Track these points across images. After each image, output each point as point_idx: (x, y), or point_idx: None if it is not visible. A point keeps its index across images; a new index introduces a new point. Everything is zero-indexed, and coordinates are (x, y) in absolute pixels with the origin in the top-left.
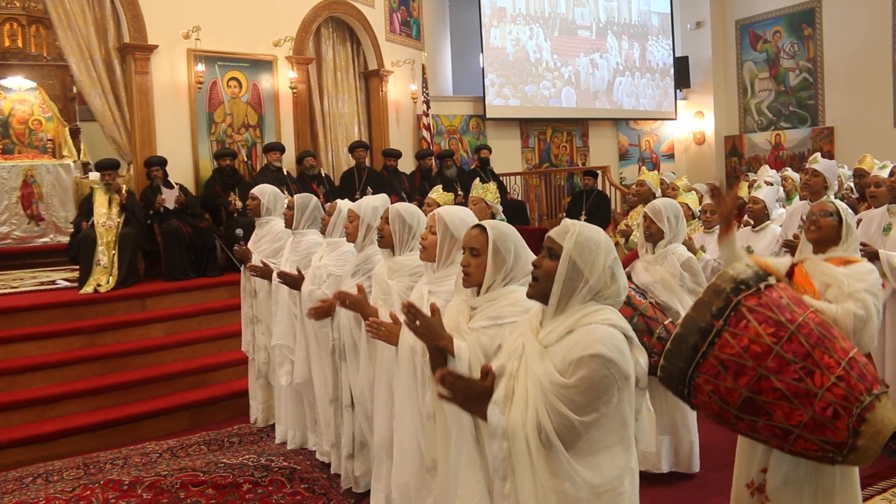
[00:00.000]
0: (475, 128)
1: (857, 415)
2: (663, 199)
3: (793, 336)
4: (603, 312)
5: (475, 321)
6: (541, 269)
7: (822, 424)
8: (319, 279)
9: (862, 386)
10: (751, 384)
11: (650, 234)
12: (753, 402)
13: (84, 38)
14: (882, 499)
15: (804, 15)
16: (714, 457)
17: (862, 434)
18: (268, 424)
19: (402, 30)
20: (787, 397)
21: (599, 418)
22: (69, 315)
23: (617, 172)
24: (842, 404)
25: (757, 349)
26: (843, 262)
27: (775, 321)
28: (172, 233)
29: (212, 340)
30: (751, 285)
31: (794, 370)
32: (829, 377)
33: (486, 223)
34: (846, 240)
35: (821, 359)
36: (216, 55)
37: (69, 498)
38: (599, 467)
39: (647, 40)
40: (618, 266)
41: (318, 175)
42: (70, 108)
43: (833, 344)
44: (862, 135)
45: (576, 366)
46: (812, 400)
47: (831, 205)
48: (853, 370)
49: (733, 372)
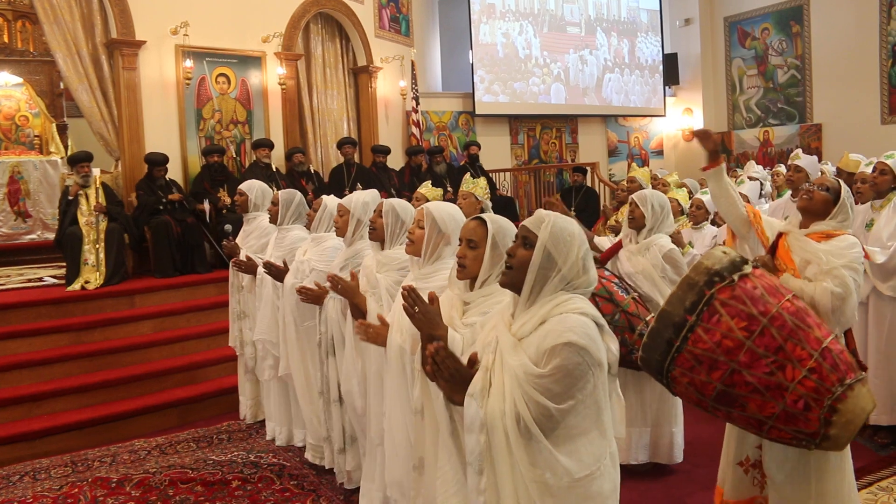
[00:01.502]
0: (464, 124)
1: (828, 406)
2: (653, 190)
3: (765, 329)
4: (573, 301)
5: (468, 316)
6: (515, 258)
7: (795, 416)
8: (303, 273)
9: (834, 377)
10: (724, 378)
11: (633, 219)
12: (728, 394)
13: (71, 34)
14: (868, 492)
15: (792, 12)
16: (701, 451)
17: (834, 424)
18: (257, 421)
19: (392, 26)
20: (760, 391)
21: (576, 405)
22: (57, 312)
23: (606, 169)
24: (813, 396)
25: (729, 344)
26: (825, 236)
27: (748, 314)
28: (161, 229)
29: (200, 337)
30: (725, 276)
31: (766, 364)
32: (801, 370)
33: (486, 216)
34: (835, 216)
35: (793, 351)
36: (205, 51)
37: (57, 496)
38: (578, 454)
39: (637, 37)
40: (589, 258)
41: (307, 171)
42: (57, 104)
43: (807, 334)
44: (849, 131)
45: (549, 355)
46: (784, 393)
47: (833, 181)
48: (826, 361)
49: (707, 366)
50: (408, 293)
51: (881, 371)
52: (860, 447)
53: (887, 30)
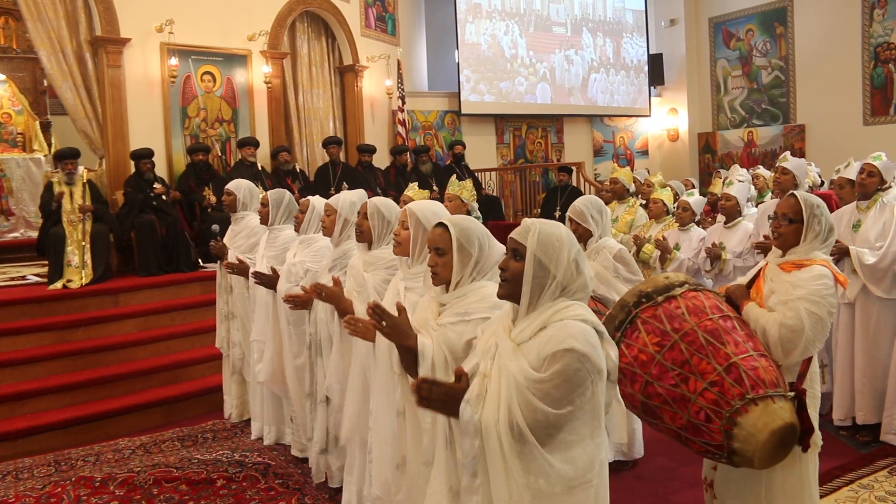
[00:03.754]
0: (450, 124)
1: (727, 418)
2: (583, 197)
3: (675, 345)
4: (574, 308)
5: (442, 317)
6: (508, 272)
7: (698, 427)
8: (297, 276)
9: (736, 391)
10: (642, 390)
11: (579, 236)
12: (648, 406)
13: (55, 31)
14: (849, 489)
15: (776, 13)
16: (685, 450)
17: (735, 437)
18: (242, 420)
19: (378, 25)
20: (668, 402)
21: (574, 411)
22: (40, 311)
23: (591, 169)
24: (713, 409)
25: (643, 357)
26: (796, 265)
27: (662, 331)
28: (146, 228)
29: (185, 336)
30: (651, 297)
31: (672, 377)
32: (702, 383)
33: (448, 220)
34: (805, 237)
35: (698, 365)
36: (190, 49)
37: (40, 495)
38: (574, 461)
39: (622, 37)
40: (581, 258)
41: (292, 170)
42: (41, 101)
43: (717, 350)
44: (832, 132)
45: (550, 360)
46: (687, 405)
47: (795, 202)
48: (730, 375)
49: (629, 379)
50: (373, 310)
51: (866, 370)
52: (842, 445)
53: (870, 32)
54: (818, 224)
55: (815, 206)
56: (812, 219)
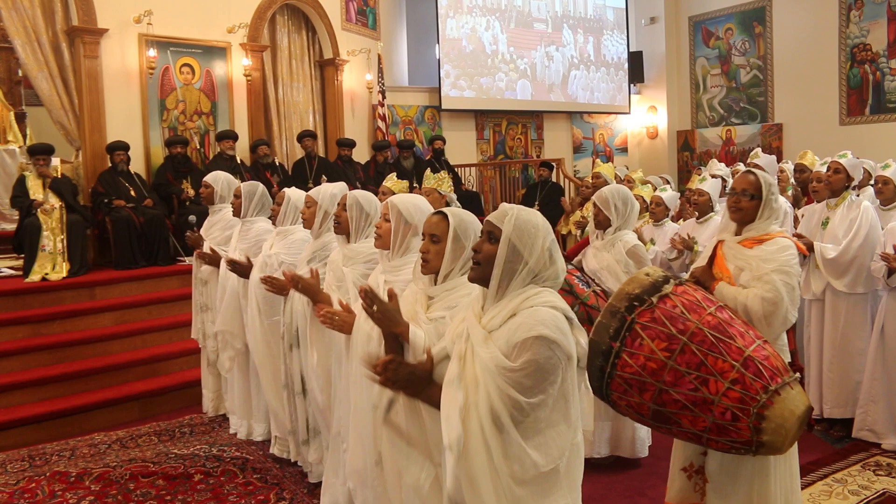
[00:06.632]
0: (430, 119)
1: (755, 414)
2: (613, 185)
3: (685, 347)
4: (543, 295)
5: (433, 311)
6: (481, 254)
7: (725, 428)
8: (272, 268)
9: (758, 384)
10: (655, 398)
11: (598, 222)
12: (661, 413)
13: (30, 20)
14: (824, 484)
15: (755, 13)
16: (663, 445)
17: (764, 431)
18: (219, 414)
19: (358, 19)
20: (689, 407)
21: (546, 399)
22: (14, 304)
23: (571, 165)
24: (739, 407)
25: (653, 366)
26: (757, 241)
27: (667, 335)
28: (123, 221)
29: (163, 330)
30: (644, 300)
31: (689, 381)
32: (724, 383)
33: (448, 210)
34: (761, 216)
35: (714, 365)
36: (168, 40)
37: (13, 490)
38: (546, 446)
39: (602, 34)
40: (555, 249)
41: (271, 164)
42: (15, 91)
43: (729, 346)
44: (809, 131)
45: (520, 348)
46: (711, 407)
47: (755, 179)
48: (749, 370)
49: (637, 389)
50: (365, 293)
51: (836, 366)
52: (816, 440)
53: (846, 33)
54: (775, 202)
55: (772, 185)
56: (770, 196)
